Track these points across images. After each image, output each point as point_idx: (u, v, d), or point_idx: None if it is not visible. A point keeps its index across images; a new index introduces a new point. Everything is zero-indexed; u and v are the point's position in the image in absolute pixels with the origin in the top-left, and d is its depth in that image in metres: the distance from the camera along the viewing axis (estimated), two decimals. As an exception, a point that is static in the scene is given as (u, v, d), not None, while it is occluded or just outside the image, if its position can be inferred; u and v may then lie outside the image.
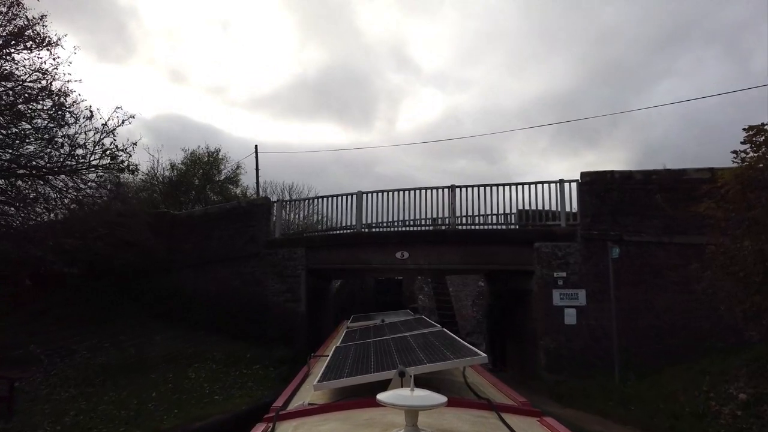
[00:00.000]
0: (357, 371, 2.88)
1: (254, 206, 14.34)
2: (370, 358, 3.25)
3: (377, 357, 3.22)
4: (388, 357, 3.15)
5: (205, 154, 28.77)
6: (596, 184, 11.04)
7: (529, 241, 11.52)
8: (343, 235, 13.40)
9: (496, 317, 13.36)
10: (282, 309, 13.43)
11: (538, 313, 11.15)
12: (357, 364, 3.13)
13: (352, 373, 2.84)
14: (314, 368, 4.08)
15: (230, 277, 14.10)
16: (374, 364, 2.97)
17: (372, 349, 3.57)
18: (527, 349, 12.00)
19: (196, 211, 15.07)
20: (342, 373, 2.91)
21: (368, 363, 3.07)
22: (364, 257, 13.09)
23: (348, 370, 3.00)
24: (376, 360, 3.12)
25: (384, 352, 3.36)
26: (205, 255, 14.46)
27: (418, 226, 13.02)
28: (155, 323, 13.96)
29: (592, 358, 10.49)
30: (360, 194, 13.49)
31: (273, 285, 13.65)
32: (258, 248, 13.92)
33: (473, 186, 12.47)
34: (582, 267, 10.92)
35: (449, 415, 2.13)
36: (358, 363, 3.16)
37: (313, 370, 4.02)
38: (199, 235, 14.63)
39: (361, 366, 3.02)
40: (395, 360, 2.99)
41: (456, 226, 12.50)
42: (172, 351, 12.36)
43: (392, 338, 3.99)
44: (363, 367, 2.98)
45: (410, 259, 12.65)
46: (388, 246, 12.83)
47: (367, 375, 2.73)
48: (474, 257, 12.22)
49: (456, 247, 12.34)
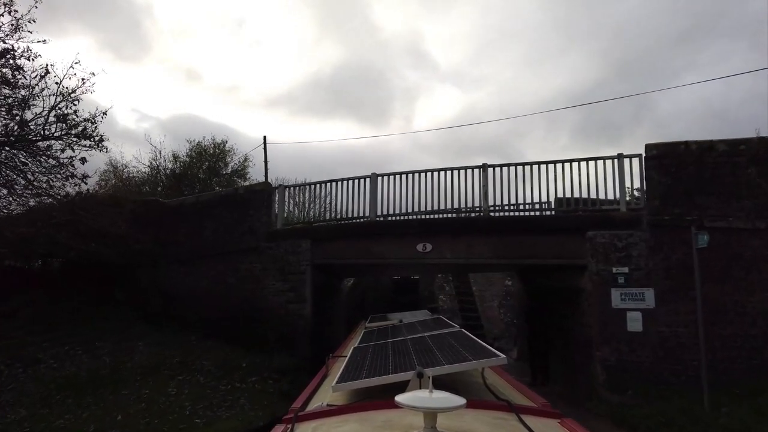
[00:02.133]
0: (375, 372, 2.86)
1: (253, 193, 12.46)
2: (389, 358, 3.24)
3: (395, 358, 3.22)
4: (407, 358, 3.14)
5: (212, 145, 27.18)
6: (666, 158, 8.91)
7: (580, 229, 9.44)
8: (354, 225, 11.45)
9: (536, 322, 11.30)
10: (284, 311, 11.54)
11: (593, 317, 9.07)
12: (375, 364, 3.13)
13: (370, 374, 2.83)
14: (333, 369, 4.08)
15: (225, 274, 12.25)
16: (392, 365, 2.95)
17: (390, 350, 3.58)
18: (577, 361, 9.92)
19: (188, 199, 13.26)
20: (360, 374, 2.91)
21: (386, 364, 3.07)
22: (379, 251, 11.13)
23: (366, 371, 2.99)
24: (395, 361, 3.11)
25: (402, 353, 3.35)
26: (197, 248, 12.64)
27: (442, 213, 11.00)
28: (139, 326, 12.17)
29: (666, 374, 8.38)
30: (374, 177, 11.53)
31: (274, 283, 11.77)
32: (257, 240, 12.05)
33: (509, 165, 10.43)
34: (649, 260, 8.80)
35: (468, 417, 2.11)
36: (376, 364, 3.16)
37: (332, 370, 4.02)
38: (191, 225, 12.82)
39: (380, 367, 3.01)
40: (413, 361, 2.96)
41: (488, 212, 10.46)
42: (155, 360, 10.52)
43: (410, 339, 3.97)
44: (381, 368, 2.98)
45: (433, 252, 10.65)
46: (408, 237, 10.85)
47: (385, 376, 2.71)
48: (510, 250, 10.17)
49: (488, 237, 10.30)
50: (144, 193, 21.65)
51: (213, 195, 13.17)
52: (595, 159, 9.72)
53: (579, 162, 9.84)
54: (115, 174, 25.20)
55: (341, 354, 4.78)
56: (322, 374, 3.99)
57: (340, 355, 4.70)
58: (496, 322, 19.50)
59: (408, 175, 11.30)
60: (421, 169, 11.20)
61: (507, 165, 10.44)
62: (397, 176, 11.40)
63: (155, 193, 21.20)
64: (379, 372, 2.82)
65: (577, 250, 9.47)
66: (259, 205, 12.28)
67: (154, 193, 21.26)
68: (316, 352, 11.60)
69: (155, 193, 21.20)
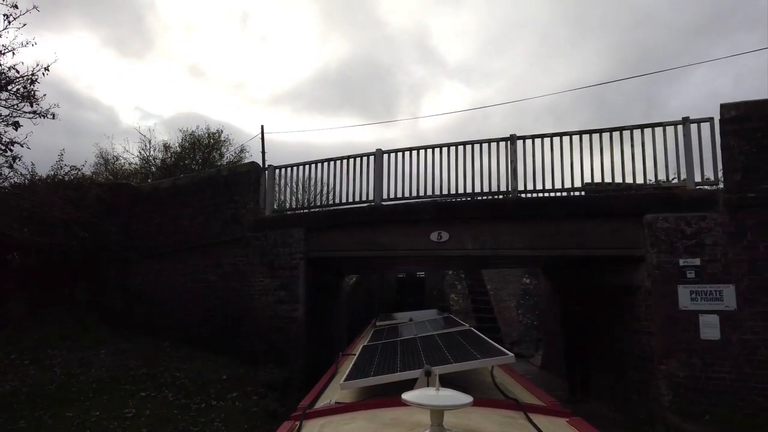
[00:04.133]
0: (383, 370, 2.86)
1: (238, 175, 10.67)
2: (397, 357, 3.22)
3: (404, 356, 3.20)
4: (415, 356, 3.11)
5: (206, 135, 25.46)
6: (749, 120, 7.05)
7: (635, 211, 7.60)
8: (356, 210, 9.64)
9: (574, 326, 9.46)
10: (273, 313, 9.75)
11: (654, 321, 7.23)
12: (383, 363, 3.12)
13: (378, 372, 2.82)
14: (342, 367, 4.06)
15: (205, 270, 10.48)
16: (401, 363, 2.95)
17: (399, 348, 3.56)
18: (632, 376, 8.07)
19: (163, 183, 11.47)
20: (368, 372, 2.90)
21: (395, 362, 3.05)
22: (385, 241, 9.32)
23: (374, 369, 2.98)
24: (403, 359, 3.09)
25: (411, 351, 3.32)
26: (173, 240, 10.87)
27: (461, 196, 9.17)
28: (103, 331, 10.40)
29: (755, 395, 6.53)
30: (380, 154, 9.73)
31: (261, 280, 9.98)
32: (242, 230, 10.26)
33: (543, 136, 8.60)
34: (728, 250, 6.95)
35: (476, 415, 2.11)
36: (384, 362, 3.15)
37: (341, 368, 4.01)
38: (167, 214, 11.05)
39: (388, 365, 3.00)
40: (422, 359, 2.94)
41: (518, 194, 8.62)
42: (116, 371, 8.74)
43: (419, 337, 3.96)
44: (389, 366, 2.96)
45: (451, 242, 8.84)
46: (420, 224, 9.04)
47: (393, 374, 2.69)
48: (546, 239, 8.33)
49: (518, 223, 8.47)
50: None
51: (192, 178, 11.39)
52: (651, 126, 7.87)
53: (632, 130, 7.99)
54: (106, 167, 23.67)
55: (351, 352, 4.79)
56: (332, 372, 4.02)
57: (350, 353, 4.71)
58: (514, 325, 17.65)
59: (420, 152, 9.49)
60: (435, 143, 9.39)
61: (540, 136, 8.61)
62: (407, 153, 9.59)
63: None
64: (388, 370, 2.82)
65: (631, 237, 7.64)
66: (245, 189, 10.50)
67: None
68: (311, 361, 9.79)
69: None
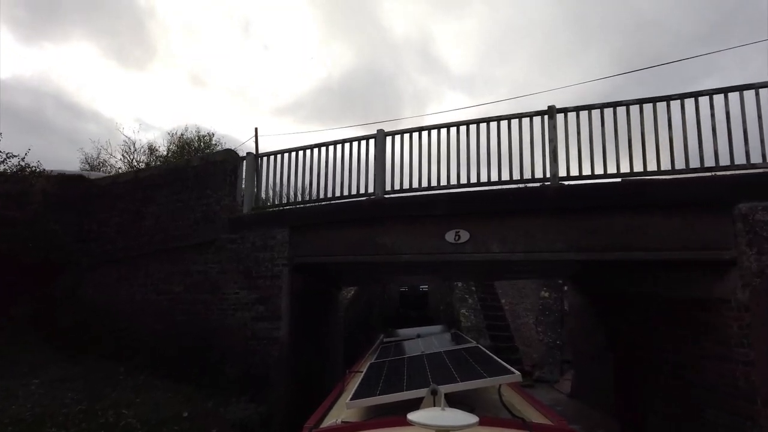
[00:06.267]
0: (390, 389, 2.83)
1: (211, 165, 8.86)
2: (404, 375, 3.21)
3: (410, 374, 3.19)
4: (422, 374, 3.10)
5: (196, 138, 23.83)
6: None
7: (723, 200, 5.73)
8: (353, 205, 7.79)
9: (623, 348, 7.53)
10: (249, 332, 7.88)
11: (757, 348, 5.32)
12: (390, 381, 3.12)
13: (385, 391, 2.80)
14: (349, 384, 4.05)
15: (171, 279, 8.63)
16: (407, 381, 2.94)
17: (406, 366, 3.54)
18: (712, 418, 6.11)
19: (123, 175, 9.68)
20: (375, 391, 2.89)
21: (401, 380, 3.04)
22: (388, 242, 7.46)
23: (381, 387, 2.97)
24: (409, 377, 3.09)
25: (417, 369, 3.31)
26: (134, 243, 9.04)
27: (483, 185, 7.30)
28: (47, 353, 8.51)
29: None
30: (382, 136, 7.92)
31: (236, 291, 8.13)
32: (215, 231, 8.44)
33: (591, 107, 6.76)
34: None
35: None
36: (391, 380, 3.15)
37: (348, 386, 3.97)
38: (127, 212, 9.24)
39: (395, 383, 2.99)
40: (428, 377, 2.93)
41: (559, 180, 6.76)
42: (48, 408, 6.82)
43: (426, 354, 3.91)
44: (396, 384, 2.95)
45: (471, 243, 6.97)
46: (431, 222, 7.19)
47: (399, 393, 2.69)
48: (594, 236, 6.44)
49: (560, 218, 6.60)
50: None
51: (157, 169, 9.59)
52: (739, 88, 6.01)
53: (711, 95, 6.14)
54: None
55: (359, 369, 4.68)
56: (339, 390, 3.94)
57: (357, 371, 4.62)
58: (534, 344, 15.61)
59: (431, 133, 7.67)
60: (450, 122, 7.58)
61: (587, 107, 6.77)
62: (415, 134, 7.77)
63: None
64: (394, 388, 2.80)
65: (714, 235, 5.76)
66: (219, 183, 8.70)
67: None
68: (297, 392, 7.90)
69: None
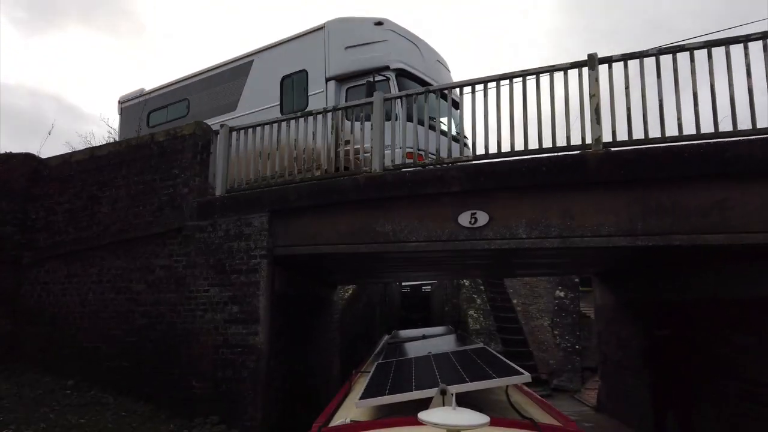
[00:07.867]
0: (399, 388, 2.84)
1: (178, 140, 7.45)
2: (412, 374, 3.21)
3: (418, 374, 3.19)
4: (430, 374, 3.11)
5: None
6: None
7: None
8: (346, 184, 6.36)
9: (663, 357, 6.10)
10: (221, 338, 6.47)
11: None
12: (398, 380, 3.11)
13: (393, 391, 2.80)
14: (356, 384, 4.04)
15: (129, 275, 7.23)
16: (416, 382, 2.93)
17: (413, 366, 3.55)
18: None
19: (77, 154, 8.25)
20: (384, 390, 2.88)
21: (410, 380, 3.03)
22: (388, 229, 6.03)
23: (390, 387, 2.96)
24: (417, 377, 3.08)
25: (425, 369, 3.31)
26: (88, 233, 7.65)
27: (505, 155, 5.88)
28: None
29: None
30: (379, 100, 6.51)
31: (206, 289, 6.73)
32: (182, 218, 7.04)
33: (643, 54, 5.35)
34: None
35: None
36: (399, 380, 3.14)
37: (355, 386, 3.97)
38: (80, 197, 7.85)
39: (403, 383, 2.99)
40: (436, 377, 2.93)
41: (604, 146, 5.33)
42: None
43: (433, 355, 3.93)
44: (404, 384, 2.95)
45: (491, 227, 5.56)
46: (442, 201, 5.79)
47: (408, 393, 2.69)
48: (655, 216, 5.02)
49: (607, 193, 5.20)
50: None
51: (116, 146, 8.17)
52: None
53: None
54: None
55: (365, 369, 4.66)
56: (346, 389, 3.95)
57: (364, 371, 4.62)
58: (550, 349, 14.17)
59: (440, 94, 6.27)
60: (464, 80, 6.18)
61: (638, 55, 5.36)
62: (420, 98, 6.38)
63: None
64: (403, 388, 2.80)
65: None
66: (188, 161, 7.30)
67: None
68: (281, 411, 6.48)
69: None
